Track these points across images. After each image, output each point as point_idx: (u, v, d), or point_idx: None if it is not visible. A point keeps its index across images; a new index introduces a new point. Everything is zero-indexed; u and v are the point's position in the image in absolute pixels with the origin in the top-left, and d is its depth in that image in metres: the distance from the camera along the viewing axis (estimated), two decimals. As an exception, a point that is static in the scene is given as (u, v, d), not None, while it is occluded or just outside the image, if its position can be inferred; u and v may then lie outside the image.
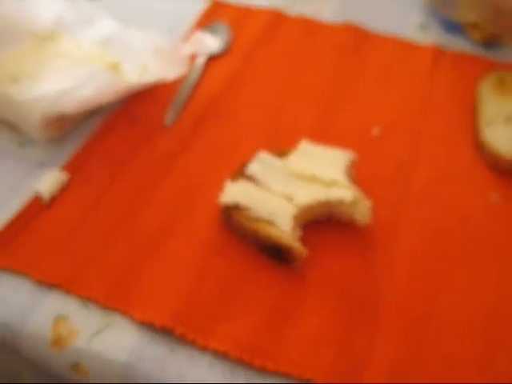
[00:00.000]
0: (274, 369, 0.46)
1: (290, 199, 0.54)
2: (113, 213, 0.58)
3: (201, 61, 0.74)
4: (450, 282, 0.53)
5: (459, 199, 0.60)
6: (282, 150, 0.59)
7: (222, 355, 0.47)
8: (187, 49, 0.69)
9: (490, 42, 0.81)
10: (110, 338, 0.49)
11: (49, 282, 0.52)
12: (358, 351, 0.47)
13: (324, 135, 0.64)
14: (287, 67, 0.76)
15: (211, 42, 0.75)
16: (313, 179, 0.55)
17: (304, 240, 0.53)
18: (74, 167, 0.62)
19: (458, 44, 0.81)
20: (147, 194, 0.59)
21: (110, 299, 0.51)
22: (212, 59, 0.76)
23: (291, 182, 0.55)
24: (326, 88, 0.73)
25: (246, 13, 0.85)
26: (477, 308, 0.51)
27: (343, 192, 0.53)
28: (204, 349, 0.48)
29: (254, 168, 0.57)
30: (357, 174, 0.58)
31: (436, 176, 0.62)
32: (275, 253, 0.52)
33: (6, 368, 0.55)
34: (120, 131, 0.66)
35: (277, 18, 0.84)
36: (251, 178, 0.56)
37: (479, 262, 0.54)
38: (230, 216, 0.54)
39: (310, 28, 0.83)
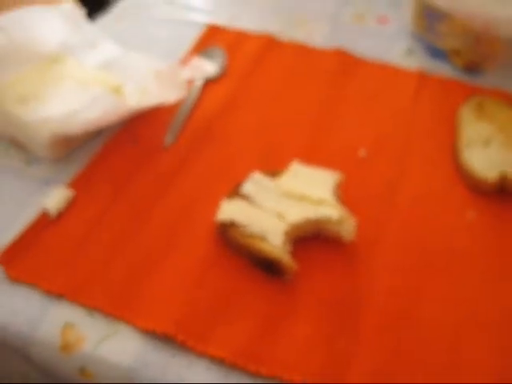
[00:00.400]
0: (267, 372, 0.51)
1: (281, 217, 0.59)
2: (116, 227, 0.62)
3: (198, 84, 0.80)
4: (426, 293, 0.58)
5: (438, 216, 0.65)
6: (274, 170, 0.64)
7: (219, 361, 0.52)
8: (186, 74, 0.74)
9: (471, 68, 0.86)
10: (114, 344, 0.53)
11: (57, 293, 0.57)
12: (343, 354, 0.52)
13: (314, 156, 0.69)
14: (280, 90, 0.82)
15: (208, 67, 0.81)
16: (302, 198, 0.60)
17: (294, 254, 0.58)
18: (79, 184, 0.66)
19: (442, 69, 0.87)
20: (148, 210, 0.64)
21: (115, 308, 0.55)
22: (209, 82, 0.81)
23: (283, 201, 0.60)
24: (316, 111, 0.78)
25: (241, 37, 0.90)
26: (449, 317, 0.56)
27: (330, 211, 0.59)
28: (202, 354, 0.52)
29: (248, 187, 0.62)
30: (344, 193, 0.63)
31: (417, 195, 0.67)
32: (267, 266, 0.57)
33: (15, 370, 0.60)
34: (122, 151, 0.71)
35: (270, 43, 0.89)
36: (245, 197, 0.61)
37: (454, 274, 0.59)
38: (226, 232, 0.59)
39: (301, 53, 0.89)
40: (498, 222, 0.65)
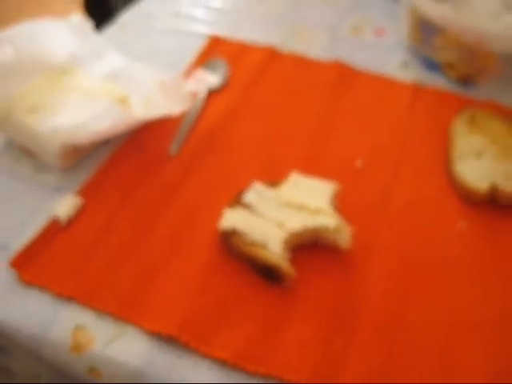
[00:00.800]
0: (265, 372, 0.54)
1: (281, 225, 0.63)
2: (123, 234, 0.66)
3: (201, 95, 0.83)
4: (419, 297, 0.61)
5: (431, 225, 0.69)
6: (274, 180, 0.68)
7: (221, 361, 0.56)
8: (190, 86, 0.78)
9: (464, 81, 0.90)
10: (122, 345, 0.57)
11: (67, 296, 0.60)
12: (338, 356, 0.56)
13: (312, 167, 0.73)
14: (280, 101, 0.85)
15: (211, 79, 0.84)
16: (301, 208, 0.64)
17: (293, 261, 0.61)
18: (87, 192, 0.70)
19: (437, 81, 0.90)
20: (154, 217, 0.68)
21: (122, 311, 0.59)
22: (212, 93, 0.85)
23: (282, 210, 0.64)
24: (315, 122, 0.82)
25: (243, 49, 0.94)
26: (441, 321, 0.59)
27: (328, 220, 0.62)
28: (205, 355, 0.56)
29: (249, 197, 0.66)
30: (341, 203, 0.67)
31: (411, 204, 0.71)
32: (267, 273, 0.60)
33: (27, 369, 0.64)
34: (129, 160, 0.74)
35: (270, 55, 0.93)
36: (247, 206, 0.65)
37: (445, 280, 0.63)
38: (228, 240, 0.63)
39: (300, 64, 0.92)
40: (488, 231, 0.68)
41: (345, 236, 0.62)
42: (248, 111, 0.83)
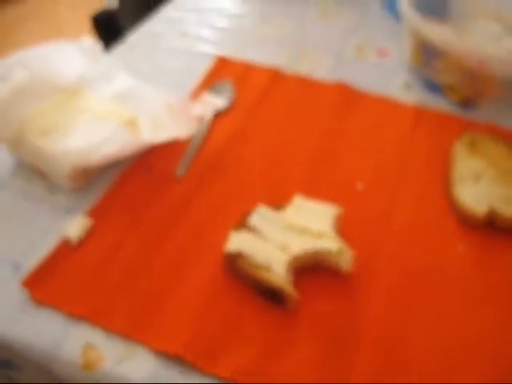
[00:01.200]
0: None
1: (284, 248, 0.65)
2: (131, 255, 0.69)
3: (208, 117, 0.86)
4: (419, 317, 0.64)
5: (431, 247, 0.71)
6: (279, 204, 0.71)
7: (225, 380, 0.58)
8: (197, 110, 0.81)
9: (466, 103, 0.93)
10: (131, 363, 0.60)
11: (78, 315, 0.63)
12: (341, 376, 0.59)
13: (316, 189, 0.76)
14: (285, 123, 0.88)
15: (217, 102, 0.87)
16: (304, 231, 0.67)
17: (295, 284, 0.64)
18: (97, 213, 0.73)
19: (439, 103, 0.93)
20: (162, 238, 0.71)
21: (131, 330, 0.62)
22: (218, 115, 0.88)
23: (286, 233, 0.67)
24: (318, 144, 0.85)
25: (248, 70, 0.98)
26: (440, 338, 0.62)
27: (330, 243, 0.65)
28: (210, 374, 0.59)
29: (254, 220, 0.69)
30: (342, 225, 0.70)
31: (411, 226, 0.73)
32: (271, 295, 0.63)
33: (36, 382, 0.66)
34: (137, 181, 0.77)
35: (275, 76, 0.96)
36: (252, 229, 0.68)
37: (444, 299, 0.66)
38: (234, 262, 0.66)
39: (305, 86, 0.95)
40: (485, 254, 0.71)
41: (346, 259, 0.65)
42: (253, 133, 0.86)
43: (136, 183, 0.77)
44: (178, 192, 0.77)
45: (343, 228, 0.70)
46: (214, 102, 0.87)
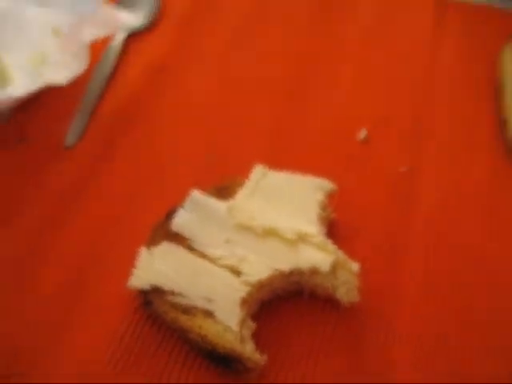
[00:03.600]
0: None
1: (236, 272, 0.38)
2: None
3: (116, 44, 0.58)
4: None
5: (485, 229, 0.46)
6: (226, 184, 0.44)
7: None
8: (90, 33, 0.53)
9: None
10: None
11: None
12: None
13: (287, 151, 0.51)
14: (236, 42, 0.63)
15: (128, 18, 0.58)
16: (270, 232, 0.40)
17: (261, 329, 0.38)
18: None
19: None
20: (42, 249, 0.44)
21: None
22: (131, 39, 0.61)
23: (238, 241, 0.40)
24: (288, 76, 0.59)
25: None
26: None
27: (316, 255, 0.38)
28: None
29: (182, 221, 0.41)
30: (338, 214, 0.43)
31: (450, 195, 0.48)
32: (219, 359, 0.37)
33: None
34: (5, 157, 0.51)
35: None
36: (178, 238, 0.41)
37: None
38: (148, 303, 0.39)
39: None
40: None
41: (347, 281, 0.38)
42: (185, 63, 0.60)
43: (4, 160, 0.51)
44: (65, 171, 0.50)
45: (339, 216, 0.44)
46: (126, 18, 0.58)
